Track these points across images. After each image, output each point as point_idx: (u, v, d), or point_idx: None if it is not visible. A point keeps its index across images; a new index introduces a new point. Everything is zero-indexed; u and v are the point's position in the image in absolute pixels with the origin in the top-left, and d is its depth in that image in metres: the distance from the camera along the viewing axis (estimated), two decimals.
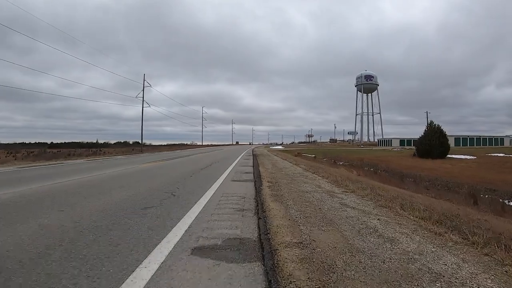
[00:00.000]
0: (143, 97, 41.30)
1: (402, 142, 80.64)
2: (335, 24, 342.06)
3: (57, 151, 27.85)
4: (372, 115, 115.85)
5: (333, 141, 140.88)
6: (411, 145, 79.67)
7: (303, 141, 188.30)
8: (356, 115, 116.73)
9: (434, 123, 39.76)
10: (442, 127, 38.18)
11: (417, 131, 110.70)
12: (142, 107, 41.54)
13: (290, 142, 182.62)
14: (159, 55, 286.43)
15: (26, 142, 49.11)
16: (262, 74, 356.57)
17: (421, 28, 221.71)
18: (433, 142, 37.42)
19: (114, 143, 57.65)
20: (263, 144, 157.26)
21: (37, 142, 52.09)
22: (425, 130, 40.65)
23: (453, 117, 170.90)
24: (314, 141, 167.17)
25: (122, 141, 60.41)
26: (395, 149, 49.63)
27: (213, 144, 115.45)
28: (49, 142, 53.30)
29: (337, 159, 34.57)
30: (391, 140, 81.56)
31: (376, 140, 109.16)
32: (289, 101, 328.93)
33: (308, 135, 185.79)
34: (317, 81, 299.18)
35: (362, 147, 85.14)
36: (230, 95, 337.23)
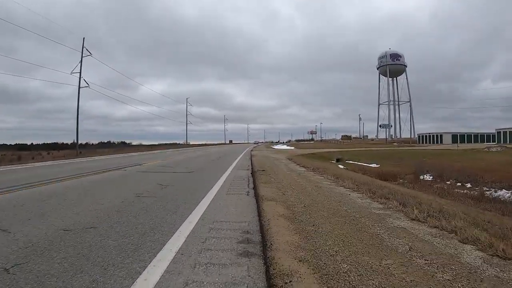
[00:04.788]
0: (80, 71, 26.71)
1: (454, 137, 61.97)
2: (324, 16, 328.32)
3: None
4: (398, 104, 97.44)
5: (346, 137, 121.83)
6: (464, 141, 61.28)
7: (300, 138, 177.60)
8: (379, 104, 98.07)
9: None
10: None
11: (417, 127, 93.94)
12: (79, 86, 26.84)
13: (287, 140, 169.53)
14: (143, 52, 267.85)
15: (7, 144, 46.69)
16: (250, 70, 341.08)
17: (415, 18, 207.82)
18: None
19: (97, 144, 54.78)
20: (259, 143, 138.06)
21: (17, 143, 49.37)
22: None
23: (448, 112, 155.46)
24: (312, 139, 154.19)
25: (106, 141, 57.91)
26: (493, 149, 30.76)
27: (207, 143, 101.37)
28: (40, 143, 51.99)
29: (449, 174, 15.98)
30: (440, 135, 62.74)
31: (408, 136, 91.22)
32: (281, 98, 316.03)
33: (311, 131, 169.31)
34: (307, 77, 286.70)
35: (396, 144, 66.61)
36: (220, 93, 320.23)
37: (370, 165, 21.58)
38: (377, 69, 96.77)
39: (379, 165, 21.22)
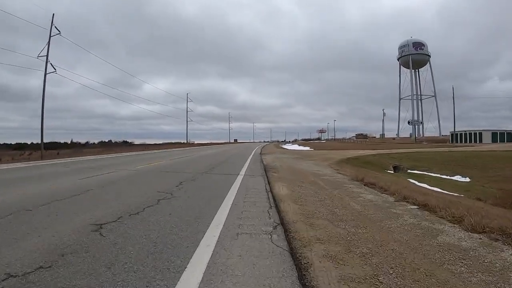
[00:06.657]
0: (47, 54, 21.93)
1: (494, 135, 54.09)
2: (327, 13, 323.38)
3: None
4: (420, 100, 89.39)
5: (362, 136, 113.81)
6: (504, 140, 53.36)
7: (307, 138, 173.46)
8: (400, 99, 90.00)
9: None
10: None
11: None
12: (45, 72, 21.97)
13: (293, 139, 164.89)
14: (144, 50, 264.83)
15: (8, 143, 45.51)
16: (254, 68, 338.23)
17: (420, 15, 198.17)
18: None
19: (98, 143, 53.07)
20: (269, 142, 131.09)
21: (17, 142, 47.68)
22: None
23: (451, 111, 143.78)
24: (318, 138, 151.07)
25: (107, 141, 56.08)
26: None
27: (211, 142, 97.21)
28: (40, 142, 52.06)
29: None
30: (480, 133, 54.87)
31: (431, 134, 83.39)
32: (285, 97, 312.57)
33: (321, 130, 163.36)
34: (311, 75, 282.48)
35: (425, 144, 59.07)
36: (223, 92, 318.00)
37: (452, 178, 14.38)
38: (398, 60, 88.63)
39: (466, 179, 13.99)
